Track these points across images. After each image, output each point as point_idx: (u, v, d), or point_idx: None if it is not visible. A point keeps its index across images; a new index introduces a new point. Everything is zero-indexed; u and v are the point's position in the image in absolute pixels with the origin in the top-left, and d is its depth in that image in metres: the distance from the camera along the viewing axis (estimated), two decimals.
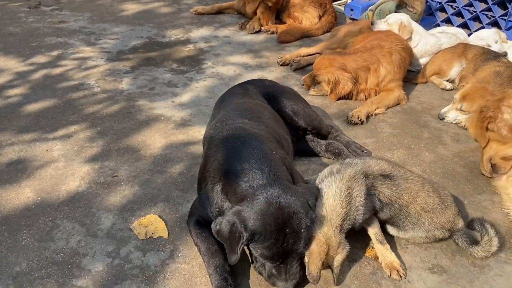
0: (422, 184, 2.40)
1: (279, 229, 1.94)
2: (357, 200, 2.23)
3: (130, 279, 2.21)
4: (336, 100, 4.05)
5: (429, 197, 2.36)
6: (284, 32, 5.66)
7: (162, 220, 2.58)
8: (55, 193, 2.79)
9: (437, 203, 2.37)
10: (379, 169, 2.38)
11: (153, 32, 5.85)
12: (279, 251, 1.97)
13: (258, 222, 1.94)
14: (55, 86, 4.23)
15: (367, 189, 2.26)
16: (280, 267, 2.03)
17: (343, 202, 2.19)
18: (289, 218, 1.96)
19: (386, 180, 2.33)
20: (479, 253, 2.36)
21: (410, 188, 2.34)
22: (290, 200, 1.99)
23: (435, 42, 4.58)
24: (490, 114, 2.81)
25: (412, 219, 2.36)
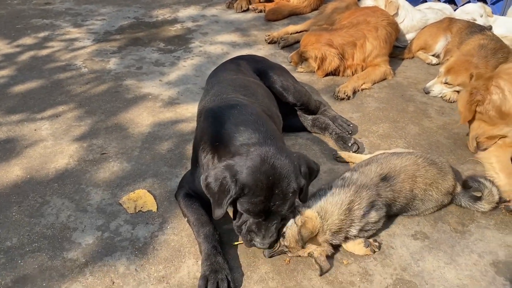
0: (415, 164, 2.42)
1: (269, 188, 1.96)
2: (355, 214, 2.21)
3: (120, 251, 2.26)
4: (324, 76, 4.07)
5: (427, 172, 2.41)
6: (272, 10, 5.65)
7: (151, 195, 2.62)
8: (44, 170, 2.82)
9: (437, 173, 2.43)
10: (376, 174, 2.36)
11: (140, 12, 5.81)
12: (265, 209, 2.00)
13: (250, 178, 1.95)
14: (42, 67, 4.22)
15: (370, 203, 2.25)
16: (261, 224, 2.06)
17: (341, 214, 2.20)
18: (280, 179, 1.97)
19: (385, 182, 2.33)
20: (485, 206, 2.48)
21: (406, 175, 2.37)
22: (284, 162, 2.00)
23: (421, 18, 4.61)
24: (478, 98, 2.81)
25: (420, 197, 2.41)
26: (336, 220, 2.17)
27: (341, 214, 2.18)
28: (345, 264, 2.19)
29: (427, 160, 2.47)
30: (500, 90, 2.76)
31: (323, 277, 2.11)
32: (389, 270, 2.17)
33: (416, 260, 2.22)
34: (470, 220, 2.48)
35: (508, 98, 2.73)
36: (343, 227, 2.18)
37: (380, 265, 2.19)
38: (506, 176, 2.69)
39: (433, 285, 2.09)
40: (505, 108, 2.75)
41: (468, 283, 2.10)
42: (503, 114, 2.77)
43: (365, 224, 2.22)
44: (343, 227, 2.18)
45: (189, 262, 2.19)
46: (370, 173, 2.37)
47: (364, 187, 2.27)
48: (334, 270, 2.15)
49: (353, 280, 2.11)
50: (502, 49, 3.68)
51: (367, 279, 2.12)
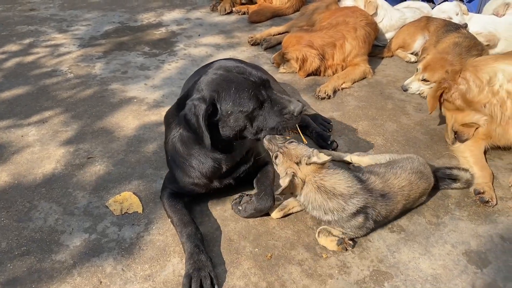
0: (410, 183, 2.43)
1: (243, 79, 2.15)
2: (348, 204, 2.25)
3: (107, 252, 2.33)
4: (305, 77, 4.17)
5: (418, 187, 2.47)
6: (255, 12, 5.74)
7: (136, 197, 2.69)
8: (32, 176, 2.88)
9: (426, 185, 2.52)
10: (378, 188, 2.36)
11: (125, 16, 5.86)
12: (256, 97, 2.15)
13: (212, 85, 2.15)
14: (28, 74, 4.26)
15: (364, 207, 2.27)
16: (269, 109, 2.21)
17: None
18: (249, 70, 2.19)
19: (383, 200, 2.34)
20: (459, 185, 2.73)
21: (402, 197, 2.40)
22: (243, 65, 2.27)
23: (400, 17, 4.73)
24: (445, 85, 2.95)
25: (407, 207, 2.53)
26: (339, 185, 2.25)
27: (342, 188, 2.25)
28: (324, 258, 2.28)
29: (418, 174, 2.49)
30: (466, 81, 2.89)
31: (303, 271, 2.20)
32: (366, 262, 2.26)
33: (392, 252, 2.32)
34: (444, 212, 2.59)
35: (472, 87, 2.86)
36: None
37: (357, 257, 2.29)
38: (479, 169, 2.80)
39: (408, 275, 2.19)
40: (470, 96, 2.87)
41: (442, 272, 2.21)
42: (469, 101, 2.90)
43: (347, 221, 2.27)
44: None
45: (174, 260, 2.27)
46: (375, 185, 2.37)
47: (369, 192, 2.31)
48: (314, 263, 2.24)
49: (332, 272, 2.20)
50: (476, 47, 3.81)
51: (345, 271, 2.21)
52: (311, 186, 2.24)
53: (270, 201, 2.44)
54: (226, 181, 2.51)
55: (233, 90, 2.14)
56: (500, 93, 2.78)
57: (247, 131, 2.24)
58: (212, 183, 2.48)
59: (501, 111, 2.79)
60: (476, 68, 2.87)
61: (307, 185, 2.25)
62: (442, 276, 2.18)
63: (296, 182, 2.25)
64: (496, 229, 2.47)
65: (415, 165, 2.53)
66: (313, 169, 2.24)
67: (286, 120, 2.22)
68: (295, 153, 2.27)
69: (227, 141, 2.28)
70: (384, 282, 2.15)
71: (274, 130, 2.25)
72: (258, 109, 2.19)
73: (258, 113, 2.21)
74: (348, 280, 2.16)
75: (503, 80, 2.77)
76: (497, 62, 2.85)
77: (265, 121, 2.23)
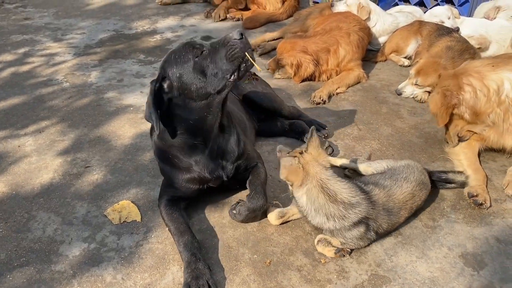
0: (413, 196, 2.45)
1: (179, 46, 2.28)
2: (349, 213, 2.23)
3: (107, 261, 2.34)
4: (300, 82, 4.20)
5: (420, 198, 2.50)
6: (249, 19, 5.78)
7: (135, 205, 2.70)
8: (29, 186, 2.88)
9: (426, 192, 2.55)
10: (381, 202, 2.34)
11: (120, 24, 5.88)
12: (188, 47, 2.25)
13: (160, 65, 2.32)
14: (23, 83, 4.27)
15: (365, 218, 2.25)
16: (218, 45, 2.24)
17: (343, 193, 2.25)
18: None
19: (386, 214, 2.34)
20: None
21: (405, 211, 2.43)
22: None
23: (393, 21, 4.77)
24: (455, 102, 2.87)
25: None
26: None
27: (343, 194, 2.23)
28: (323, 263, 2.30)
29: (420, 185, 2.50)
30: (472, 88, 2.81)
31: (302, 276, 2.22)
32: (364, 266, 2.29)
33: (390, 256, 2.34)
34: (440, 215, 2.62)
35: (479, 96, 2.79)
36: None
37: (355, 262, 2.31)
38: (473, 172, 2.83)
39: (405, 278, 2.21)
40: (478, 108, 2.82)
41: (439, 275, 2.23)
42: (477, 114, 2.85)
43: (348, 230, 2.24)
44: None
45: (174, 268, 2.28)
46: (378, 198, 2.35)
47: (371, 204, 2.28)
48: (312, 269, 2.26)
49: (331, 277, 2.22)
50: (468, 50, 3.86)
51: (344, 276, 2.23)
52: (315, 182, 2.21)
53: (261, 199, 2.45)
54: (217, 173, 2.50)
55: (173, 56, 2.27)
56: (506, 103, 2.76)
57: (206, 85, 2.25)
58: (201, 172, 2.47)
59: (503, 120, 2.80)
60: (481, 75, 2.81)
61: (312, 180, 2.21)
62: (439, 279, 2.21)
63: (296, 167, 2.22)
64: (492, 231, 2.50)
65: (417, 175, 2.52)
66: (317, 162, 2.23)
67: (232, 46, 2.19)
68: (299, 149, 2.32)
69: (195, 114, 2.32)
70: (382, 286, 2.17)
71: (227, 64, 2.21)
72: (200, 57, 2.23)
73: (203, 62, 2.23)
74: (346, 285, 2.18)
75: (509, 89, 2.74)
76: (499, 69, 2.80)
77: (215, 63, 2.22)
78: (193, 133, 2.38)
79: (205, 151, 2.43)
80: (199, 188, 2.52)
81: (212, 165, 2.47)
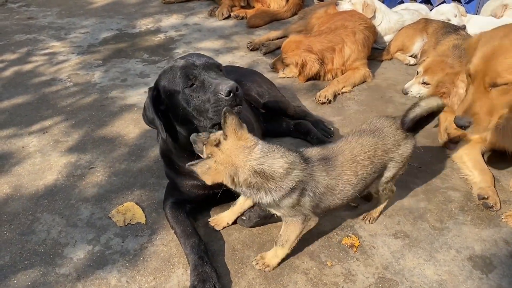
0: (360, 144, 2.16)
1: (181, 61, 2.26)
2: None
3: (111, 264, 2.32)
4: (305, 81, 4.17)
5: (363, 145, 2.15)
6: (253, 17, 5.74)
7: (139, 207, 2.68)
8: (34, 188, 2.87)
9: (371, 138, 2.17)
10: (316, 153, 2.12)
11: (123, 23, 5.86)
12: (183, 72, 2.19)
13: (163, 71, 2.29)
14: (27, 83, 4.26)
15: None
16: (208, 79, 2.18)
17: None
18: (196, 55, 2.32)
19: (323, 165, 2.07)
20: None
21: (344, 160, 2.12)
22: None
23: (398, 19, 4.73)
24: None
25: (371, 172, 2.17)
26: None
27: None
28: (329, 266, 2.27)
29: (362, 132, 2.22)
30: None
31: (308, 279, 2.19)
32: (371, 269, 2.26)
33: (397, 259, 2.32)
34: (448, 217, 2.59)
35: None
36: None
37: (362, 265, 2.28)
38: (479, 173, 2.79)
39: (413, 281, 2.18)
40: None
41: (447, 278, 2.20)
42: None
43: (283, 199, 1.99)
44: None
45: (179, 271, 2.26)
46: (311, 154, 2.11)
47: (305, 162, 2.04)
48: (319, 272, 2.24)
49: (337, 281, 2.19)
50: None
51: (351, 279, 2.20)
52: (247, 171, 1.91)
53: None
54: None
55: (169, 71, 2.24)
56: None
57: (188, 114, 2.22)
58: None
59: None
60: None
61: (243, 170, 1.91)
62: (447, 282, 2.18)
63: (216, 167, 1.93)
64: (500, 233, 2.47)
65: (374, 122, 2.24)
66: (239, 148, 1.92)
67: (216, 101, 2.10)
68: (214, 137, 1.98)
69: (184, 130, 2.30)
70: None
71: (210, 112, 2.13)
72: (189, 88, 2.18)
73: (191, 94, 2.19)
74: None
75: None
76: None
77: (200, 103, 2.17)
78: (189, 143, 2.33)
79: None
80: (204, 193, 2.49)
81: None
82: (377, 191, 2.41)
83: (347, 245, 2.42)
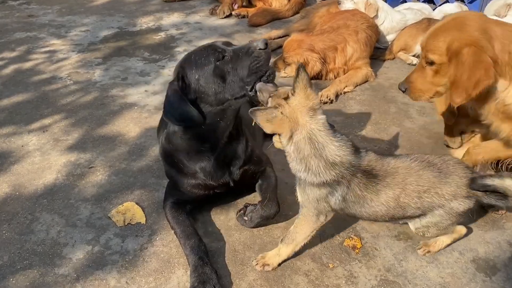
0: (408, 169, 2.13)
1: (198, 48, 2.25)
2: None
3: (111, 264, 2.29)
4: None
5: (420, 177, 2.11)
6: (255, 15, 5.71)
7: (139, 207, 2.66)
8: (33, 187, 2.84)
9: (433, 176, 2.11)
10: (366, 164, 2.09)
11: (124, 21, 5.83)
12: (209, 50, 2.19)
13: (177, 66, 2.25)
14: (27, 81, 4.23)
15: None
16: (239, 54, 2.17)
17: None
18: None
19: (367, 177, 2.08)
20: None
21: (392, 182, 2.10)
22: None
23: (401, 19, 4.70)
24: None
25: (415, 207, 2.13)
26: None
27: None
28: (331, 268, 2.25)
29: (423, 162, 2.17)
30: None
31: (310, 281, 2.17)
32: (373, 271, 2.23)
33: (399, 261, 2.29)
34: None
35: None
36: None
37: (364, 267, 2.26)
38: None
39: (416, 284, 2.16)
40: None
41: (450, 281, 2.18)
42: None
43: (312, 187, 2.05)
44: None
45: (179, 272, 2.24)
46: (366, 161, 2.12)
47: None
48: (320, 274, 2.21)
49: (339, 283, 2.17)
50: None
51: (353, 282, 2.18)
52: (305, 133, 1.94)
53: (275, 206, 2.41)
54: (223, 180, 2.44)
55: (193, 57, 2.21)
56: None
57: (224, 90, 2.19)
58: (207, 180, 2.41)
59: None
60: None
61: (301, 130, 1.95)
62: (450, 285, 2.15)
63: (282, 118, 1.94)
64: (504, 235, 2.44)
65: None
66: (306, 108, 1.93)
67: (257, 57, 2.13)
68: (284, 90, 2.01)
69: (208, 119, 2.24)
70: None
71: (249, 75, 2.14)
72: (222, 61, 2.16)
73: (224, 67, 2.16)
74: None
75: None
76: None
77: (236, 71, 2.16)
78: (202, 139, 2.32)
79: (211, 158, 2.37)
80: (205, 193, 2.47)
81: (218, 173, 2.42)
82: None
83: (349, 246, 2.39)
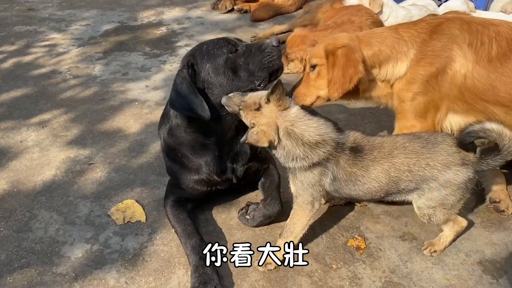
0: (393, 142, 2.11)
1: (210, 39, 2.26)
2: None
3: (110, 263, 2.25)
4: None
5: (407, 149, 2.06)
6: (257, 10, 5.65)
7: (139, 205, 2.61)
8: (31, 183, 2.80)
9: (421, 146, 2.06)
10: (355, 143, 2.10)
11: (125, 16, 5.77)
12: (222, 42, 2.21)
13: (186, 54, 2.26)
14: (26, 75, 4.18)
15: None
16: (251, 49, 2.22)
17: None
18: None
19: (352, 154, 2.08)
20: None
21: (378, 156, 2.08)
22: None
23: (406, 15, 4.64)
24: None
25: (406, 179, 2.07)
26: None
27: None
28: (335, 269, 2.20)
29: (408, 136, 2.15)
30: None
31: (313, 282, 2.13)
32: (378, 272, 2.19)
33: (404, 262, 2.25)
34: None
35: None
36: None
37: (369, 268, 2.21)
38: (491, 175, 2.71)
39: (421, 286, 2.11)
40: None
41: (456, 283, 2.13)
42: None
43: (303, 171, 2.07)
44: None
45: (179, 272, 2.19)
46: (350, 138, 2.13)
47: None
48: (324, 275, 2.17)
49: (343, 284, 2.13)
50: None
51: (357, 283, 2.13)
52: (282, 132, 2.00)
53: (277, 205, 2.37)
54: (226, 176, 2.41)
55: (205, 47, 2.21)
56: None
57: (234, 83, 2.19)
58: (211, 174, 2.37)
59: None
60: None
61: (280, 130, 2.00)
62: (456, 287, 2.11)
63: (260, 129, 1.99)
64: (511, 237, 2.39)
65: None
66: (278, 110, 1.99)
67: (270, 53, 2.19)
68: (253, 100, 2.02)
69: (214, 112, 2.19)
70: None
71: (260, 71, 2.18)
72: (234, 54, 2.18)
73: (236, 59, 2.18)
74: None
75: None
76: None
77: (248, 65, 2.18)
78: (207, 132, 2.28)
79: (216, 153, 2.33)
80: (207, 190, 2.43)
81: (222, 167, 2.38)
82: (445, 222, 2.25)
83: (353, 247, 2.35)
